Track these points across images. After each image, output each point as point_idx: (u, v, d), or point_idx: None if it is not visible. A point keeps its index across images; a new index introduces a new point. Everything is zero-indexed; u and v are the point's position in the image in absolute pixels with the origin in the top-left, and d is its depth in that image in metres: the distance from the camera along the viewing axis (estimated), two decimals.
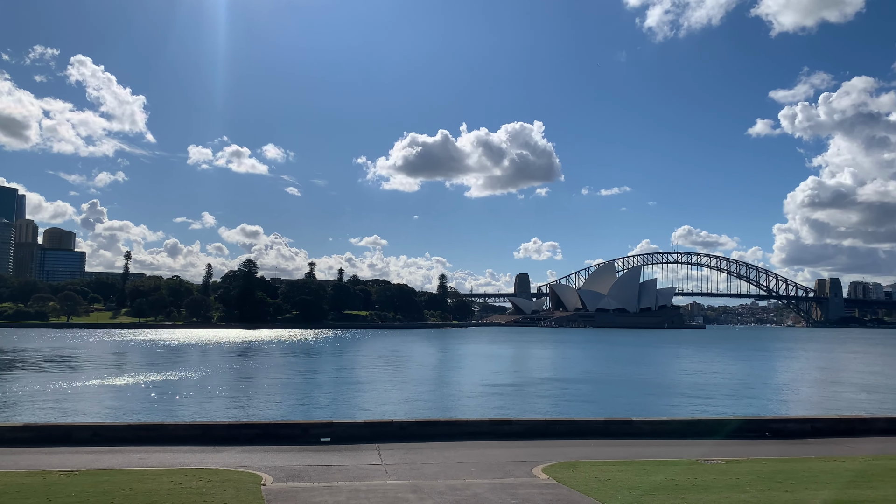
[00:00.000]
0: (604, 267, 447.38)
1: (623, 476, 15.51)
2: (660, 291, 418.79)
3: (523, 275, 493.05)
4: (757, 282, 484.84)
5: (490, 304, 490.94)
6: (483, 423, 22.55)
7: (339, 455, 18.61)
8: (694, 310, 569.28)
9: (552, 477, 15.59)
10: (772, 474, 15.82)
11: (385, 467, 17.13)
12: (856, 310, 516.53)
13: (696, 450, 19.86)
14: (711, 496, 13.55)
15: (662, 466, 16.83)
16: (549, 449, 19.68)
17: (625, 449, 20.02)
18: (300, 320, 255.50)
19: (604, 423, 22.89)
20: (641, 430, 22.67)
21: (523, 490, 14.42)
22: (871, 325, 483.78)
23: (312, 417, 35.45)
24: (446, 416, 34.97)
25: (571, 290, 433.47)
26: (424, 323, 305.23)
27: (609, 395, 53.45)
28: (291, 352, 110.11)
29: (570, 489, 14.40)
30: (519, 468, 16.84)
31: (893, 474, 15.88)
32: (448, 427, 22.09)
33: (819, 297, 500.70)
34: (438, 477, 15.92)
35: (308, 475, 16.03)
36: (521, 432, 21.97)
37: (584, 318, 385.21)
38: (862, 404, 49.19)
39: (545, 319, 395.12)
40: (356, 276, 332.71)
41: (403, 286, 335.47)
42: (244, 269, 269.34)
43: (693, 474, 15.82)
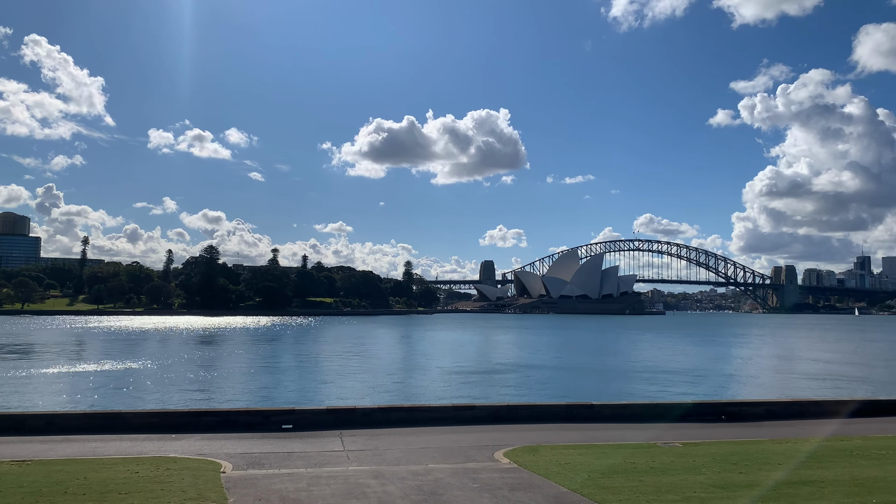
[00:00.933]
0: (567, 254, 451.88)
1: (583, 459, 15.70)
2: (621, 278, 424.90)
3: (488, 262, 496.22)
4: (716, 269, 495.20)
5: (455, 291, 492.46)
6: (446, 409, 22.61)
7: (300, 442, 18.48)
8: (654, 296, 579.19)
9: (513, 461, 15.72)
10: (727, 456, 16.19)
11: (347, 454, 17.06)
12: (810, 296, 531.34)
13: (655, 433, 20.22)
14: (669, 478, 13.80)
15: (622, 449, 17.09)
16: (511, 433, 19.82)
17: (585, 433, 20.27)
18: (263, 307, 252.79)
19: (565, 408, 23.15)
20: (602, 414, 23.00)
21: (485, 474, 14.51)
22: (824, 311, 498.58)
23: (274, 404, 35.17)
24: (409, 403, 35.02)
25: (536, 276, 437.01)
26: (390, 310, 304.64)
27: (571, 381, 54.14)
28: (254, 339, 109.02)
29: (531, 473, 14.53)
30: (481, 453, 16.93)
31: (843, 455, 16.39)
32: (411, 413, 22.10)
33: (775, 283, 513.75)
34: (400, 462, 15.92)
35: (269, 462, 15.88)
36: (483, 417, 22.09)
37: (548, 305, 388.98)
38: (814, 388, 50.69)
39: (510, 306, 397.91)
40: (320, 262, 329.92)
41: (368, 273, 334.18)
42: (206, 255, 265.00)
43: (651, 457, 16.10)
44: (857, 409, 24.93)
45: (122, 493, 12.44)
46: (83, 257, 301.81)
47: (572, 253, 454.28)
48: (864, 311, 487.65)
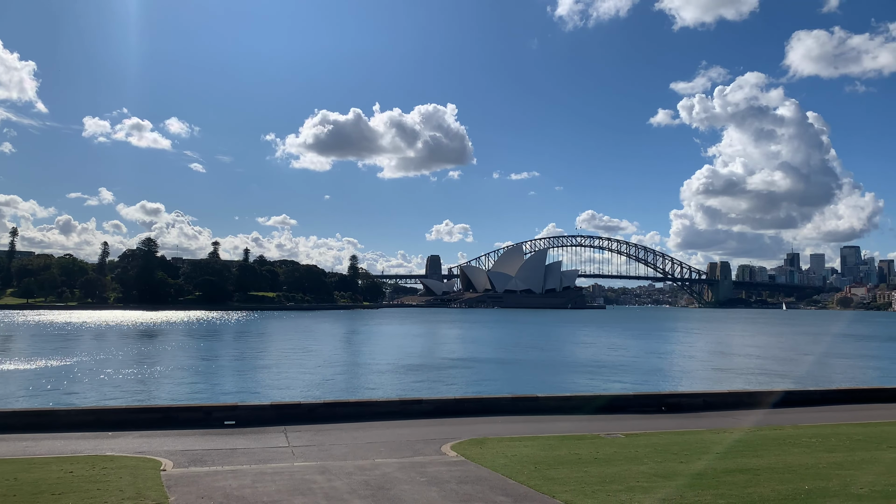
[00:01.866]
0: (512, 249, 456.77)
1: (529, 451, 15.88)
2: (564, 273, 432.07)
3: (435, 256, 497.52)
4: (654, 265, 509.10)
5: (402, 286, 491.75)
6: (393, 403, 22.54)
7: (244, 438, 18.12)
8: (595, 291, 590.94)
9: (461, 454, 15.78)
10: (667, 446, 16.63)
11: (292, 449, 16.82)
12: (743, 291, 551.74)
13: (598, 424, 20.62)
14: (612, 468, 14.08)
15: (566, 441, 17.36)
16: (458, 427, 19.90)
17: (531, 425, 20.52)
18: (203, 302, 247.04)
19: (511, 401, 23.37)
20: (547, 406, 23.32)
21: (432, 468, 14.52)
22: (756, 305, 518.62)
23: (216, 400, 34.42)
24: (356, 397, 34.79)
25: (481, 271, 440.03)
26: (334, 304, 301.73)
27: (516, 374, 54.76)
28: (194, 334, 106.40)
29: (478, 465, 14.61)
30: (428, 446, 16.93)
31: (776, 443, 17.04)
32: (357, 408, 21.95)
33: (710, 279, 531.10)
34: (347, 458, 15.79)
35: (211, 459, 15.51)
36: (431, 411, 22.11)
37: (493, 299, 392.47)
38: (748, 379, 52.61)
39: (455, 300, 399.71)
40: (263, 256, 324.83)
41: (313, 267, 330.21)
42: (143, 247, 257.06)
43: (595, 448, 16.41)
44: (788, 398, 26.00)
45: (56, 494, 11.94)
46: (11, 249, 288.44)
47: (517, 248, 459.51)
48: (792, 306, 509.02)
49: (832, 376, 56.48)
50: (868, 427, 19.70)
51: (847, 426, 19.91)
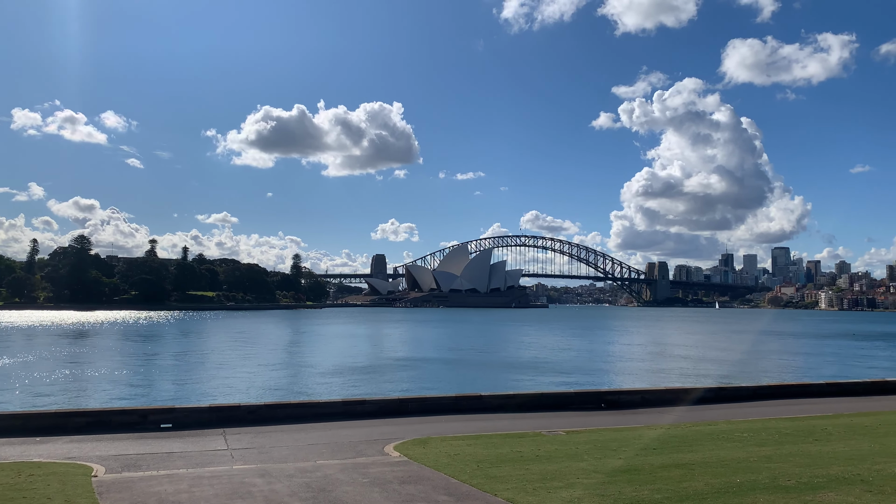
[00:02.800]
0: (458, 249, 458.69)
1: (472, 450, 15.96)
2: (509, 273, 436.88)
3: (380, 256, 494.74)
4: (595, 264, 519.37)
5: (346, 285, 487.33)
6: (335, 404, 22.32)
7: (181, 441, 17.63)
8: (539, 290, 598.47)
9: (403, 454, 15.73)
10: (607, 442, 16.96)
11: (231, 452, 16.45)
12: (680, 290, 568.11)
13: (540, 422, 20.89)
14: (553, 465, 14.28)
15: (509, 439, 17.51)
16: (401, 427, 19.84)
17: (474, 423, 20.62)
18: (140, 301, 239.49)
19: (454, 400, 23.45)
20: (490, 405, 23.48)
21: (375, 468, 14.43)
22: (692, 304, 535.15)
23: (152, 403, 33.42)
24: (297, 399, 34.31)
25: (426, 270, 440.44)
26: (276, 304, 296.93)
27: (460, 373, 55.01)
28: (129, 335, 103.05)
29: (421, 465, 14.59)
30: (371, 447, 16.83)
31: (710, 438, 17.59)
32: (299, 409, 21.64)
33: (649, 279, 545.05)
34: (288, 460, 15.54)
35: (146, 464, 15.04)
36: (374, 412, 21.98)
37: (438, 299, 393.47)
38: (684, 376, 54.20)
39: (401, 300, 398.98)
40: (202, 254, 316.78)
41: (254, 266, 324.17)
42: (76, 245, 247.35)
43: (537, 445, 16.60)
44: (721, 394, 26.91)
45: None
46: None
47: (462, 248, 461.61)
48: (725, 305, 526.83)
49: (762, 373, 58.72)
50: (795, 421, 20.54)
51: (776, 421, 20.71)
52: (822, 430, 18.74)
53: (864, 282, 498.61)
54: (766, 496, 11.70)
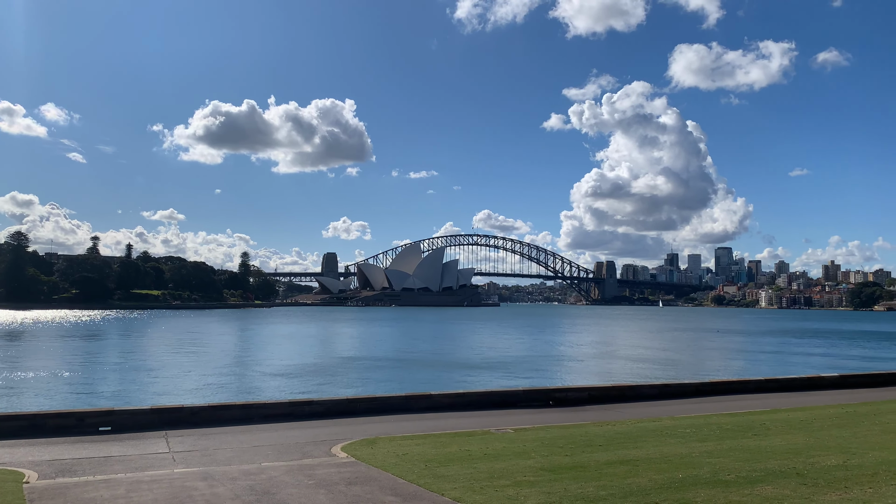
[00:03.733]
0: (410, 247, 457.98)
1: (420, 449, 15.89)
2: (461, 271, 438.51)
3: (331, 254, 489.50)
4: (546, 264, 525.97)
5: (296, 284, 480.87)
6: (282, 405, 21.95)
7: (120, 445, 17.06)
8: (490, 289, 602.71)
9: (351, 455, 15.57)
10: (555, 440, 17.12)
11: (173, 455, 16.00)
12: (627, 289, 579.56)
13: (489, 420, 20.96)
14: (501, 464, 14.33)
15: (458, 438, 17.51)
16: (349, 427, 19.64)
17: (424, 423, 20.56)
18: (81, 300, 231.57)
19: (404, 399, 23.34)
20: (440, 404, 23.45)
21: (321, 470, 14.23)
22: (639, 302, 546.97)
23: (90, 405, 32.32)
24: (243, 400, 33.67)
25: (379, 269, 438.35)
26: (224, 303, 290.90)
27: (411, 372, 54.89)
28: (68, 334, 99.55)
29: (369, 466, 14.46)
30: (318, 448, 16.60)
31: (654, 435, 17.94)
32: (244, 410, 21.20)
33: (597, 277, 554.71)
34: (232, 462, 15.20)
35: (82, 469, 14.49)
36: (321, 412, 21.70)
37: (391, 297, 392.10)
38: (630, 373, 55.27)
39: (352, 299, 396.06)
40: (147, 252, 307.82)
41: (201, 264, 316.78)
42: (12, 241, 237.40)
43: (485, 443, 16.64)
44: (665, 391, 27.48)
45: None
46: None
47: (415, 246, 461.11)
48: (670, 303, 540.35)
49: (704, 370, 60.32)
50: (735, 417, 21.12)
51: (717, 416, 21.26)
52: (761, 425, 19.32)
53: (801, 281, 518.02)
54: (707, 491, 11.97)
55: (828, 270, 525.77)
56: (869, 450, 15.44)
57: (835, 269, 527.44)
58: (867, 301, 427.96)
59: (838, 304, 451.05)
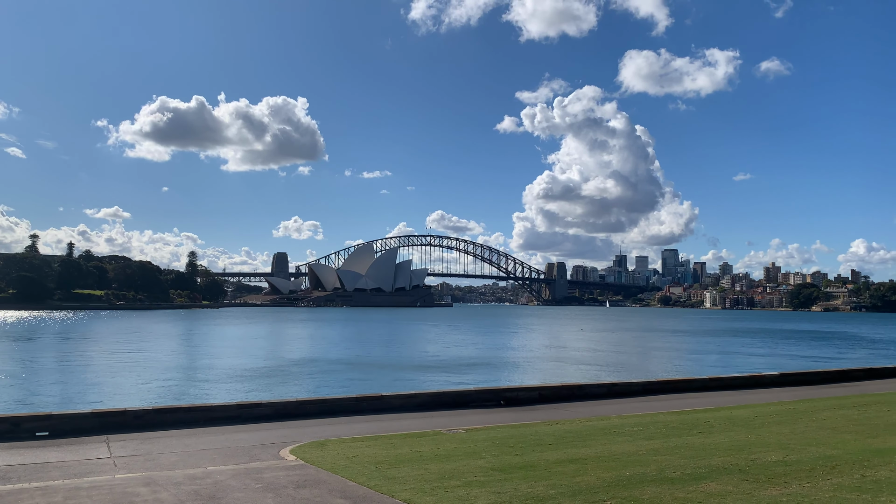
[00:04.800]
0: (363, 248, 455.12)
1: (371, 451, 15.77)
2: (414, 272, 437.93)
3: (282, 254, 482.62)
4: (498, 264, 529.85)
5: (245, 284, 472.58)
6: (230, 407, 21.49)
7: (58, 451, 16.43)
8: (443, 289, 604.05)
9: (300, 457, 15.34)
10: (505, 439, 17.21)
11: (114, 460, 15.49)
12: (577, 290, 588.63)
13: (441, 420, 20.95)
14: (452, 464, 14.32)
15: (409, 439, 17.44)
16: (299, 429, 19.37)
17: (375, 424, 20.41)
18: (18, 300, 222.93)
19: (355, 400, 23.14)
20: (391, 405, 23.33)
21: (269, 473, 13.98)
22: (588, 303, 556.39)
23: (27, 409, 31.08)
24: (189, 402, 32.87)
25: (330, 269, 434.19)
26: (170, 303, 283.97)
27: (362, 373, 54.51)
28: (3, 336, 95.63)
29: (318, 468, 14.27)
30: (266, 451, 16.31)
31: (602, 433, 18.20)
32: (190, 413, 20.68)
33: (548, 278, 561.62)
34: (176, 467, 14.80)
35: (17, 476, 13.89)
36: (270, 414, 21.34)
37: (342, 298, 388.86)
38: (580, 372, 56.06)
39: (303, 299, 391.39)
40: (90, 251, 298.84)
41: (146, 263, 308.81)
42: None
43: (436, 444, 16.61)
44: (613, 390, 27.96)
45: None
46: None
47: (368, 246, 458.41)
48: (617, 304, 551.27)
49: (651, 369, 61.62)
50: (681, 415, 21.61)
51: (664, 415, 21.71)
52: (705, 422, 19.81)
53: (744, 282, 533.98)
54: (654, 488, 12.18)
55: (769, 272, 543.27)
56: (807, 446, 15.98)
57: (775, 271, 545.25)
58: (805, 302, 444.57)
59: (779, 305, 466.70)
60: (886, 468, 13.47)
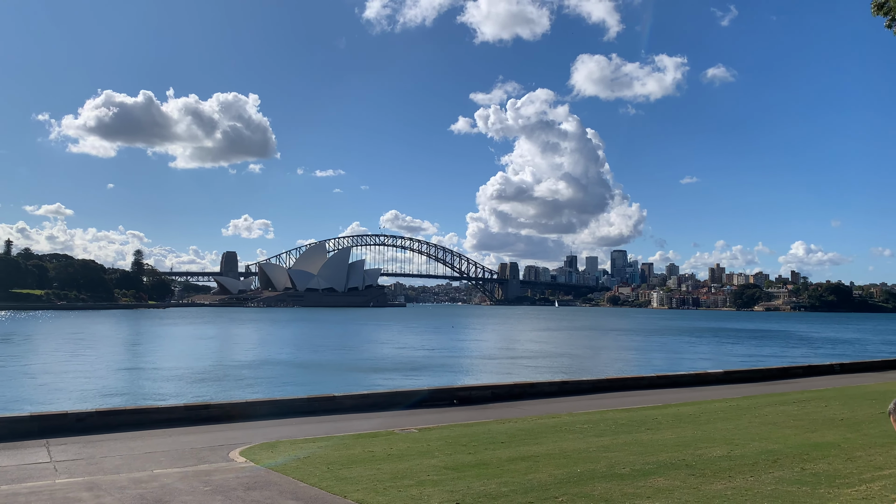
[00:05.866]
0: (315, 247, 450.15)
1: (323, 452, 15.61)
2: (367, 272, 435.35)
3: (231, 253, 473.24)
4: (452, 264, 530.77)
5: (193, 284, 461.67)
6: (177, 409, 20.98)
7: None
8: (397, 289, 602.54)
9: (250, 459, 15.08)
10: (458, 438, 17.25)
11: (55, 465, 14.95)
12: (529, 290, 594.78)
13: (394, 420, 20.87)
14: (405, 464, 14.28)
15: (362, 439, 17.32)
16: (250, 431, 19.04)
17: (327, 425, 20.21)
18: None
19: (307, 401, 22.87)
20: (344, 406, 23.14)
21: (218, 476, 13.69)
22: (540, 302, 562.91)
23: None
24: (134, 405, 32.02)
25: (281, 269, 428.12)
26: (115, 303, 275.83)
27: (314, 374, 53.95)
28: None
29: (268, 470, 14.06)
30: (215, 453, 15.98)
31: (553, 431, 18.41)
32: (136, 415, 20.12)
33: (501, 278, 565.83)
34: (121, 470, 14.37)
35: None
36: (220, 416, 20.91)
37: (294, 298, 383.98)
38: (532, 370, 56.62)
39: (253, 299, 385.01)
40: (29, 249, 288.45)
41: (90, 262, 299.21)
42: None
43: (389, 444, 16.55)
44: (565, 388, 28.33)
45: None
46: None
47: (320, 246, 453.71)
48: (567, 303, 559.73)
49: (601, 367, 62.67)
50: (630, 412, 22.02)
51: (613, 412, 22.09)
52: (653, 419, 20.24)
53: (690, 283, 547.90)
54: (604, 484, 12.38)
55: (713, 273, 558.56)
56: (750, 441, 16.48)
57: (720, 271, 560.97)
58: (748, 302, 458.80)
59: (723, 305, 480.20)
60: (824, 461, 13.99)
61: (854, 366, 40.84)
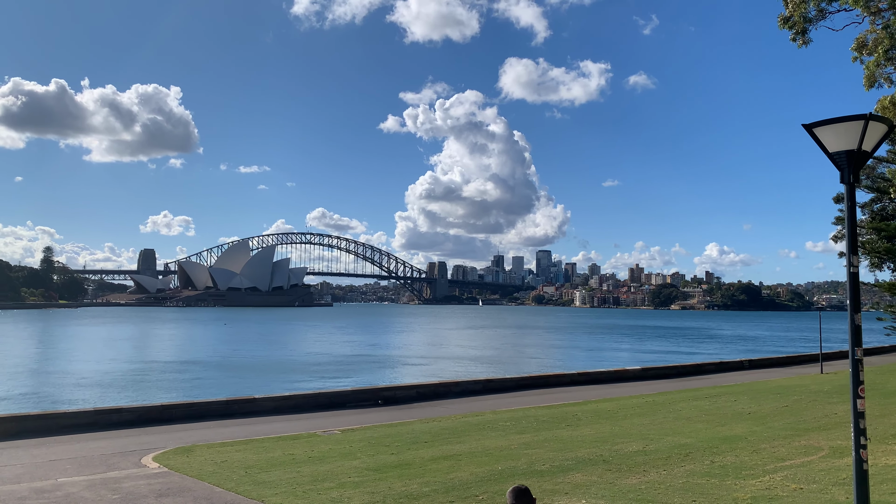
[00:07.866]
0: (238, 245, 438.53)
1: (241, 456, 15.20)
2: (292, 271, 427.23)
3: (149, 250, 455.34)
4: (380, 263, 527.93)
5: (108, 283, 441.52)
6: (85, 414, 20.02)
7: None
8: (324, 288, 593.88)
9: (163, 465, 14.52)
10: (381, 439, 17.14)
11: None
12: (457, 289, 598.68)
13: (317, 422, 20.55)
14: (326, 466, 14.07)
15: (282, 442, 16.97)
16: (164, 435, 18.36)
17: (247, 428, 19.71)
18: None
19: (225, 404, 22.26)
20: (264, 408, 22.65)
21: (128, 483, 13.11)
22: (467, 301, 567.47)
23: None
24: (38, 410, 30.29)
25: (202, 267, 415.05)
26: (21, 303, 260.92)
27: (234, 376, 52.53)
28: None
29: (183, 475, 13.56)
30: (126, 459, 15.30)
31: (476, 429, 18.55)
32: (40, 421, 19.07)
33: (430, 278, 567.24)
34: (22, 479, 13.56)
35: None
36: (132, 420, 20.09)
37: (215, 297, 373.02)
38: (457, 369, 56.94)
39: (172, 299, 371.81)
40: None
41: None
42: None
43: (311, 446, 16.27)
44: (489, 386, 28.65)
45: None
46: None
47: (243, 244, 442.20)
48: (494, 302, 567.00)
49: (525, 365, 63.67)
50: (552, 409, 22.45)
51: (535, 409, 22.47)
52: (573, 416, 20.69)
53: (610, 282, 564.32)
54: (524, 481, 12.53)
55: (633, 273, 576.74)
56: (664, 435, 17.06)
57: (639, 271, 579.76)
58: (665, 301, 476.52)
59: (642, 304, 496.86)
60: (732, 454, 14.64)
61: (761, 362, 43.11)
